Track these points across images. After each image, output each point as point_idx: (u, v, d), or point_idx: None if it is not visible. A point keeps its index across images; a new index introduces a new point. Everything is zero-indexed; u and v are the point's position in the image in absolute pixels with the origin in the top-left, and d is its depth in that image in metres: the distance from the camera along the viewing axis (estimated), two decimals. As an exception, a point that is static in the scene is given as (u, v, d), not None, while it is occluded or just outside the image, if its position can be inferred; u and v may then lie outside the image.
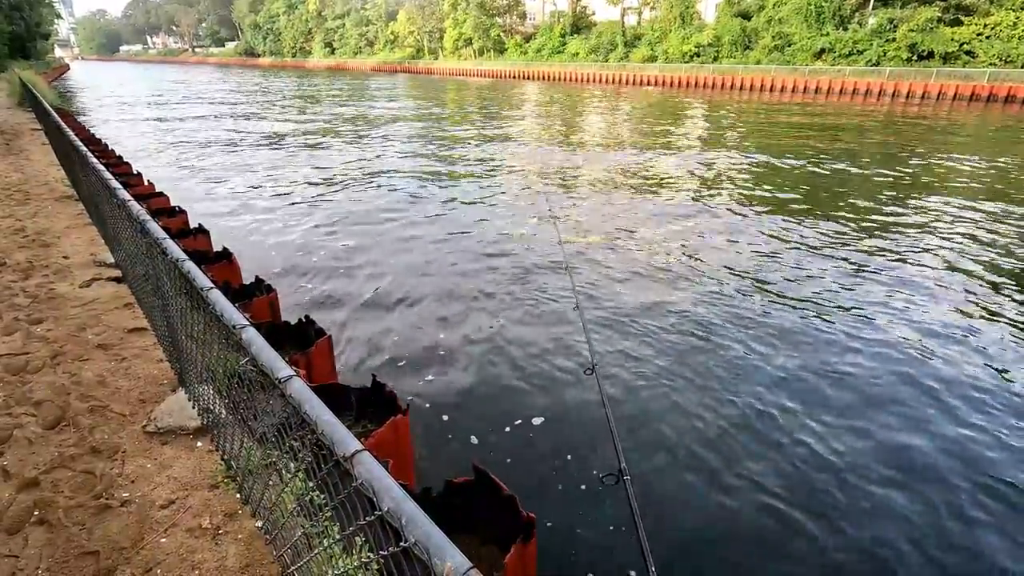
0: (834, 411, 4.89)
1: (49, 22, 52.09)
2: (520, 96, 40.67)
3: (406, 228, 10.05)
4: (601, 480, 2.31)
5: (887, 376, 5.43)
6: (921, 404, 5.00)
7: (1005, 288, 7.49)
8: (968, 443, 4.50)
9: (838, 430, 4.65)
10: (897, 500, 3.95)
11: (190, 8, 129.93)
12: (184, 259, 2.39)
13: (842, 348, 5.91)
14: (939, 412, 4.88)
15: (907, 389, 5.23)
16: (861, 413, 4.90)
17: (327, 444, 1.27)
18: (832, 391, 5.18)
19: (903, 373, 5.45)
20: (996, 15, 36.22)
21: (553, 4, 65.06)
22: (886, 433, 4.64)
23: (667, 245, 9.10)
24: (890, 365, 5.61)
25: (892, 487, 4.07)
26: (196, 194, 12.38)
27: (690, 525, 3.72)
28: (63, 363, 3.79)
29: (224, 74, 73.45)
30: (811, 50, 42.26)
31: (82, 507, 2.57)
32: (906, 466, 4.27)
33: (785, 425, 4.70)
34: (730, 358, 5.69)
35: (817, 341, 6.08)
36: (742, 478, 4.12)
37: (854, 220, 10.46)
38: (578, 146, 19.22)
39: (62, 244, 6.33)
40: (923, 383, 5.29)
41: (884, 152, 17.86)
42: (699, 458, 4.31)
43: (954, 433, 4.62)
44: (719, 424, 4.69)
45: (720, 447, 4.42)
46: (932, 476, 4.17)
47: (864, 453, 4.40)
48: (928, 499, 3.96)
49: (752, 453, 4.37)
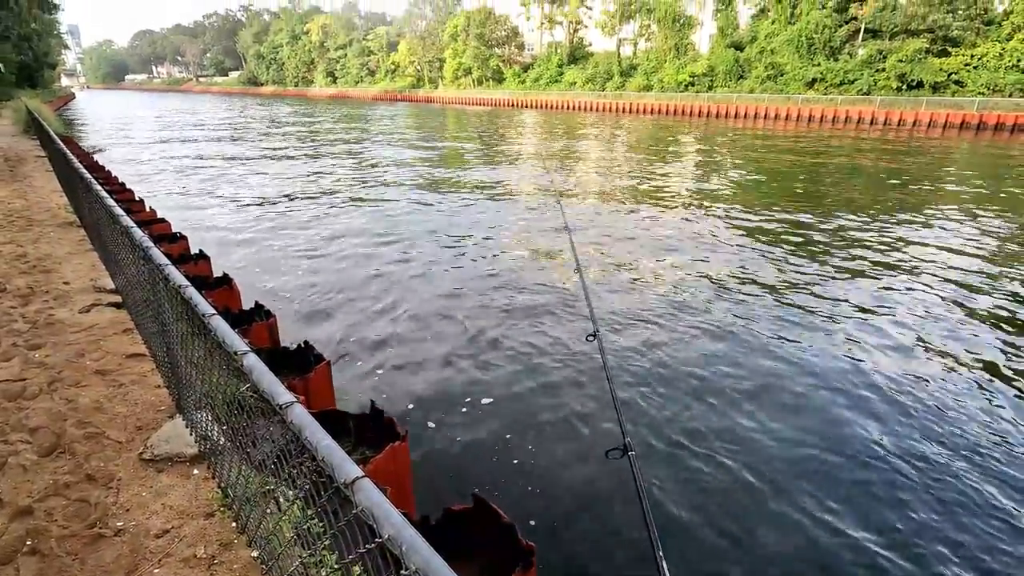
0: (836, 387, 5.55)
1: (57, 52, 53.19)
2: (521, 123, 41.36)
3: (405, 250, 10.13)
4: (606, 455, 2.37)
5: (881, 357, 6.21)
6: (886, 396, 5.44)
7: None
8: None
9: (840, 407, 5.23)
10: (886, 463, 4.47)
11: (195, 39, 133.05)
12: (186, 285, 2.41)
13: (845, 337, 6.62)
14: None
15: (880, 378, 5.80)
16: (857, 390, 5.52)
17: (327, 471, 1.27)
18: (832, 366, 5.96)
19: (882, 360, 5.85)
20: (982, 46, 37.24)
21: (551, 35, 66.67)
22: (878, 406, 5.25)
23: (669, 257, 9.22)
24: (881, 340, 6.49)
25: (881, 460, 4.53)
26: (196, 219, 12.47)
27: (693, 497, 4.09)
28: (60, 389, 3.77)
29: (227, 102, 74.77)
30: (803, 79, 43.22)
31: (75, 536, 2.54)
32: (892, 448, 4.69)
33: (787, 402, 5.32)
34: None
35: (820, 331, 6.80)
36: (743, 451, 4.60)
37: (834, 229, 10.60)
38: (588, 170, 19.51)
39: (63, 270, 6.36)
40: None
41: (883, 176, 18.14)
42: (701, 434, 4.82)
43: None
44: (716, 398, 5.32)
45: (721, 422, 4.97)
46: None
47: (857, 435, 4.87)
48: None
49: (750, 427, 4.91)
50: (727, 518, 3.92)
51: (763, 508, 4.03)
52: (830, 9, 42.38)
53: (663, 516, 3.87)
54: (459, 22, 70.03)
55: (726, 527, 3.85)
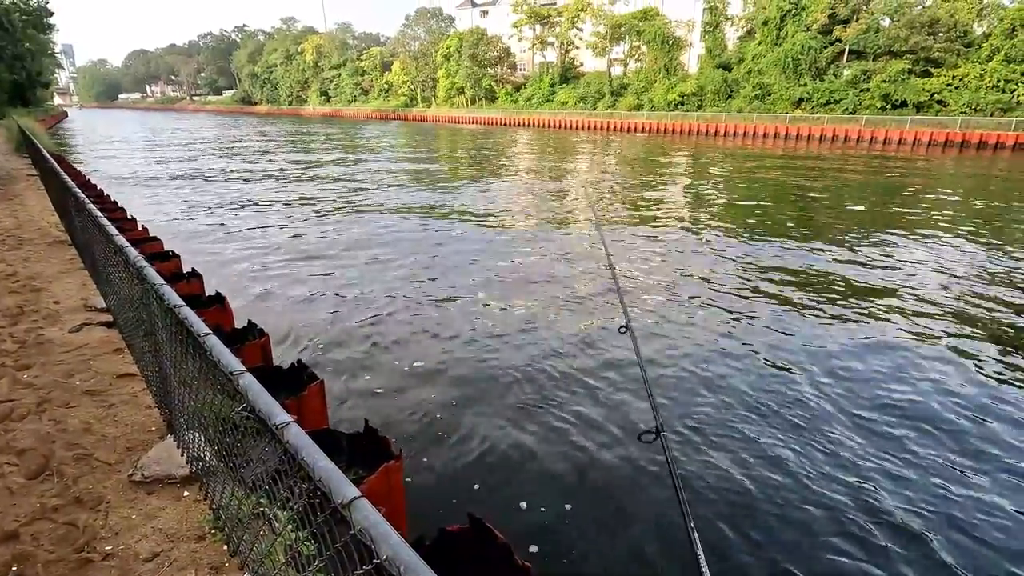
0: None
1: (50, 72, 53.31)
2: (514, 141, 41.78)
3: (400, 267, 10.13)
4: (639, 438, 2.42)
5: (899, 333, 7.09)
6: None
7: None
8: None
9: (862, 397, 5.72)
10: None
11: (189, 58, 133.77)
12: (181, 305, 2.40)
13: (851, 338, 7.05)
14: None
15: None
16: (880, 384, 6.03)
17: (323, 491, 1.27)
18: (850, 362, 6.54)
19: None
20: (963, 67, 38.24)
21: (542, 55, 67.69)
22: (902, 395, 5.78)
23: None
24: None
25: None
26: (188, 237, 12.43)
27: (726, 480, 4.45)
28: (49, 410, 3.72)
29: (221, 120, 75.06)
30: (790, 99, 44.07)
31: (63, 561, 2.49)
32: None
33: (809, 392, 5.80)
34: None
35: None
36: (772, 437, 5.01)
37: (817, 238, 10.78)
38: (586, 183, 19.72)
39: (53, 289, 6.31)
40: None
41: (872, 190, 18.47)
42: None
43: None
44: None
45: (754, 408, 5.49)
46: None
47: (882, 423, 5.29)
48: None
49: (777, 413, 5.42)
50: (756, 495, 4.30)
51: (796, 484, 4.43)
52: (815, 31, 43.40)
53: (693, 495, 4.25)
54: (452, 43, 70.98)
55: (756, 505, 4.20)
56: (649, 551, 3.80)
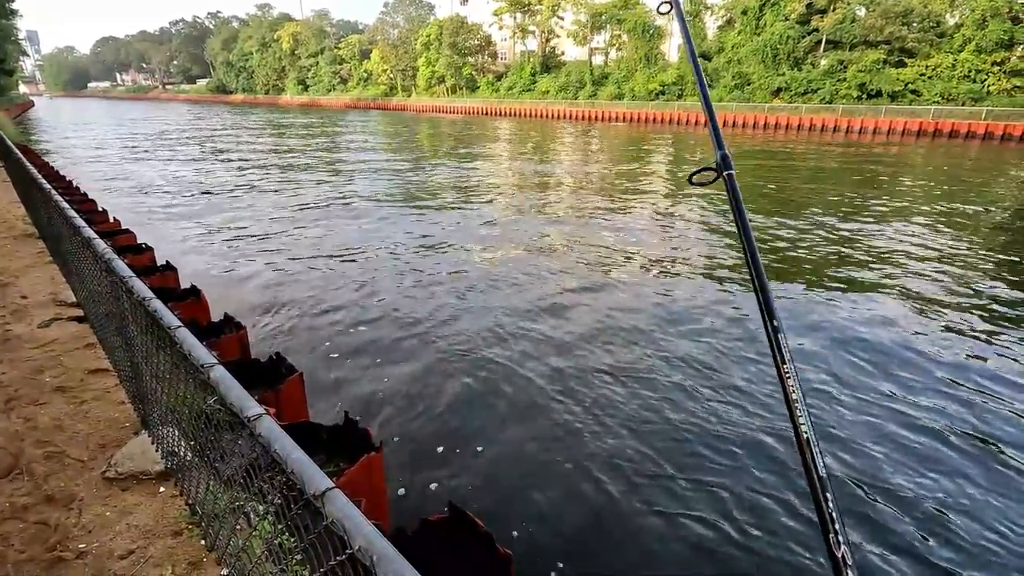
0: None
1: (14, 59, 51.43)
2: (496, 130, 41.53)
3: (375, 259, 10.04)
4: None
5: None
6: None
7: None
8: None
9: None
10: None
11: (161, 46, 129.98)
12: (151, 297, 2.35)
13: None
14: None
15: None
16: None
17: (297, 483, 1.25)
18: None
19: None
20: (936, 57, 38.91)
21: (523, 44, 67.20)
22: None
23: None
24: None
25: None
26: (163, 230, 12.17)
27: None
28: (18, 407, 3.62)
29: (195, 110, 73.29)
30: (769, 88, 44.46)
31: (34, 560, 2.43)
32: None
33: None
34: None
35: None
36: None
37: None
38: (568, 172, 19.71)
39: (20, 283, 6.12)
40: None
41: (847, 179, 18.79)
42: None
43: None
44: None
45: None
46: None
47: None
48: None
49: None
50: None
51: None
52: (793, 21, 43.75)
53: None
54: (432, 31, 70.05)
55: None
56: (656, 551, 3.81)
